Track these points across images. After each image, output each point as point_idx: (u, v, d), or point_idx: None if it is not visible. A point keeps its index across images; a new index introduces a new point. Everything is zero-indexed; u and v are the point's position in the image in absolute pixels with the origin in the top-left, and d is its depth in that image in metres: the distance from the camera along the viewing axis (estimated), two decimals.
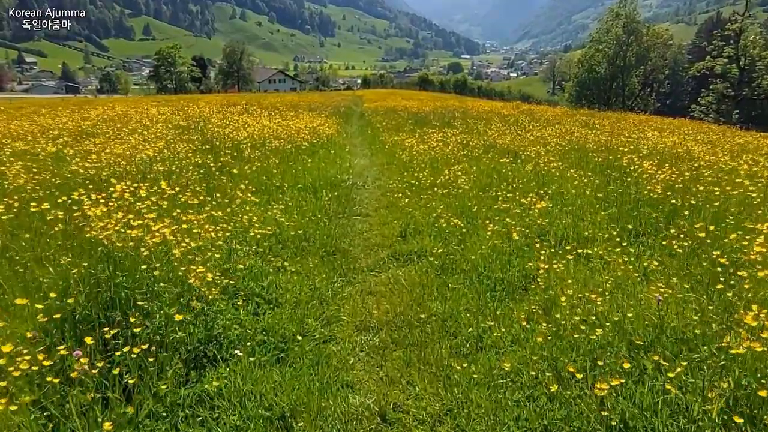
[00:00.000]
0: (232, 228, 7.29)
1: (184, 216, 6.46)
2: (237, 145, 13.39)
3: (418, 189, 11.48)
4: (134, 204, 6.11)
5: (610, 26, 74.95)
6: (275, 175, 11.70)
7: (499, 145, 16.14)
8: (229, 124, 17.33)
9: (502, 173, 12.29)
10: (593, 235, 8.01)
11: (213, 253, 6.09)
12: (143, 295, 4.74)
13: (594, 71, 75.78)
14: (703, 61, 69.55)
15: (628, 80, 75.82)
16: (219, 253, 6.25)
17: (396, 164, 14.85)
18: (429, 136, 18.10)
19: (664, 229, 8.00)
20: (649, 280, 6.34)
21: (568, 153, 14.47)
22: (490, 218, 9.12)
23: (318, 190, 11.47)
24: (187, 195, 7.31)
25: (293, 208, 9.59)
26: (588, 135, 18.42)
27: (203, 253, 5.90)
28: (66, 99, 54.85)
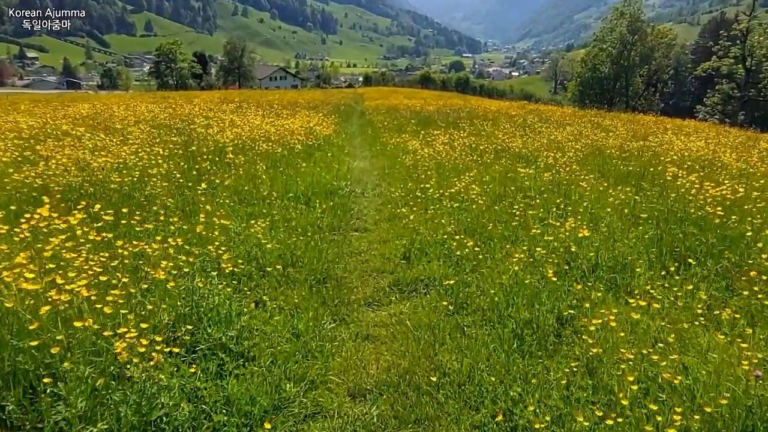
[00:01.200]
0: (198, 255, 6.02)
1: (129, 247, 5.20)
2: (222, 148, 12.12)
3: (423, 199, 10.25)
4: (50, 241, 4.72)
5: (615, 25, 74.55)
6: (263, 183, 10.44)
7: (510, 148, 14.91)
8: (216, 124, 15.97)
9: (518, 182, 11.05)
10: (632, 261, 6.75)
11: (163, 296, 4.83)
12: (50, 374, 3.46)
13: (597, 71, 75.39)
14: (709, 62, 68.79)
15: (631, 80, 75.40)
16: (174, 293, 4.97)
17: (398, 169, 13.62)
18: (434, 138, 16.84)
19: (719, 257, 6.75)
20: (718, 326, 5.10)
21: (587, 158, 13.23)
22: (507, 238, 7.90)
23: (311, 200, 10.22)
24: (137, 218, 6.06)
25: (280, 223, 8.33)
26: (603, 138, 17.20)
27: (146, 300, 4.62)
28: (63, 94, 53.91)
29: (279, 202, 9.63)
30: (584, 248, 7.16)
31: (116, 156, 9.50)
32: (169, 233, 6.20)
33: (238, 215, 8.36)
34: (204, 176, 9.65)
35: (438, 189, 10.73)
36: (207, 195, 8.67)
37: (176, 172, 9.63)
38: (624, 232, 7.91)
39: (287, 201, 9.80)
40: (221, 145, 12.27)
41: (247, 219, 8.19)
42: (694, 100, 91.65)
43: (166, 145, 11.56)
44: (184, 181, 9.23)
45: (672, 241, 7.22)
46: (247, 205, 9.13)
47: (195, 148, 11.43)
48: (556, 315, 5.57)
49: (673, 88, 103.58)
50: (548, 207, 9.24)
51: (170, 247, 5.41)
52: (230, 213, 8.31)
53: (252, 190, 9.82)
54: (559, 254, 6.98)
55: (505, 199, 9.85)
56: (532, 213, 8.72)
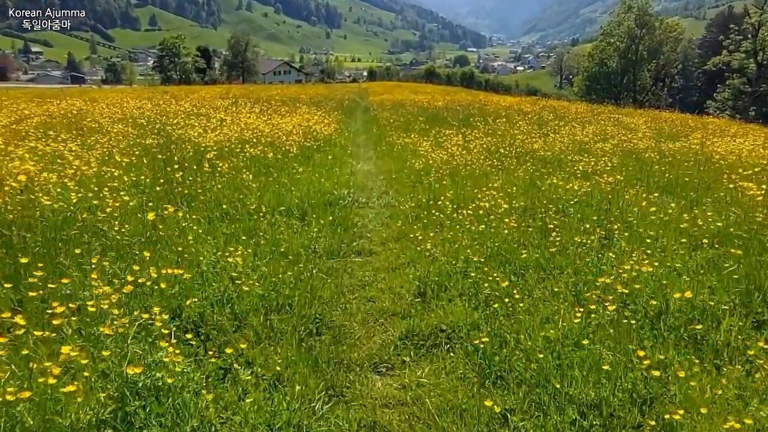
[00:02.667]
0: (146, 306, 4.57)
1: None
2: (204, 153, 10.59)
3: (438, 213, 8.81)
4: None
5: (622, 19, 74.06)
6: (251, 194, 8.98)
7: (531, 151, 13.44)
8: (200, 124, 14.40)
9: (546, 192, 9.59)
10: (711, 305, 5.27)
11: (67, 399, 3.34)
12: None
13: (605, 65, 75.06)
14: (720, 56, 67.45)
15: (639, 75, 74.82)
16: (96, 385, 3.48)
17: (407, 174, 12.16)
18: (446, 138, 15.35)
19: None
20: None
21: (623, 163, 11.72)
22: (545, 268, 6.44)
23: (307, 213, 8.75)
24: (63, 261, 4.62)
25: (267, 248, 6.85)
26: (630, 137, 15.70)
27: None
28: (64, 89, 53.01)
29: (269, 217, 8.15)
30: (642, 281, 5.69)
31: (68, 166, 7.96)
32: (104, 282, 4.64)
33: (214, 239, 6.88)
34: (177, 189, 8.17)
35: (455, 201, 9.29)
36: (177, 215, 7.19)
37: (145, 185, 8.16)
38: (685, 259, 6.44)
39: (279, 216, 8.33)
40: (204, 149, 10.72)
41: (225, 243, 6.72)
42: (701, 95, 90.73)
43: (139, 150, 10.05)
44: (147, 198, 7.72)
45: (757, 277, 5.72)
46: (229, 222, 7.65)
47: (168, 156, 9.81)
48: (629, 393, 4.10)
49: (681, 83, 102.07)
50: (587, 225, 7.79)
51: (101, 301, 3.94)
52: (205, 237, 6.84)
53: (237, 204, 8.34)
54: (612, 290, 5.52)
55: (535, 215, 8.40)
56: (567, 234, 7.25)
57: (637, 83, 74.72)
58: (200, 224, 7.19)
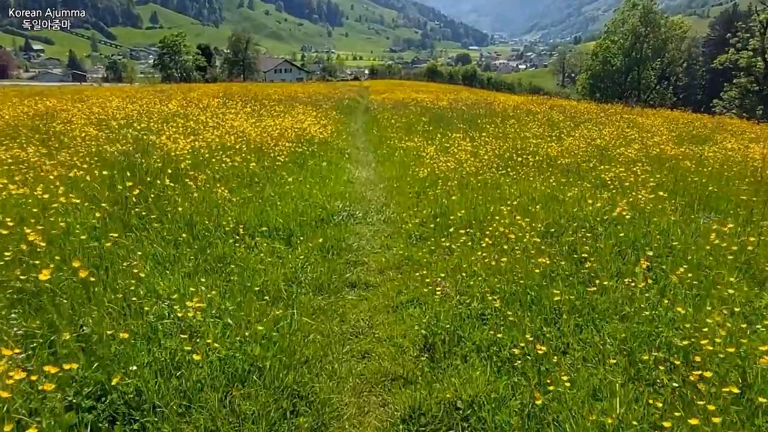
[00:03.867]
0: None
1: None
2: (176, 161, 9.18)
3: (445, 230, 7.59)
4: None
5: (627, 17, 73.26)
6: (228, 212, 7.73)
7: (546, 156, 12.19)
8: (175, 127, 13.05)
9: (567, 206, 8.35)
10: None
11: None
12: None
13: (609, 63, 74.00)
14: (727, 54, 66.09)
15: (643, 73, 73.86)
16: None
17: (410, 182, 10.92)
18: (452, 142, 14.09)
19: None
20: None
21: (651, 171, 10.45)
22: (580, 312, 5.20)
23: (294, 234, 7.49)
24: None
25: (239, 284, 5.62)
26: (653, 141, 14.45)
27: None
28: (62, 87, 52.38)
29: (248, 240, 6.91)
30: (706, 332, 4.45)
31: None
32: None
33: (173, 274, 5.63)
34: (136, 209, 6.90)
35: (465, 217, 8.06)
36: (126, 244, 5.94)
37: (94, 205, 6.87)
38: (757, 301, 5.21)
39: (260, 238, 7.07)
40: (176, 157, 9.37)
41: (187, 280, 5.48)
42: (705, 94, 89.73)
43: (98, 159, 8.74)
44: (91, 224, 6.42)
45: None
46: (198, 249, 6.38)
47: (132, 166, 8.48)
48: None
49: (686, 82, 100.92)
50: (623, 248, 6.56)
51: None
52: (162, 272, 5.60)
53: (209, 225, 7.08)
54: (673, 349, 4.28)
55: (561, 237, 7.15)
56: (602, 261, 6.01)
57: (641, 82, 73.90)
58: (157, 257, 5.94)
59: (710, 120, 25.17)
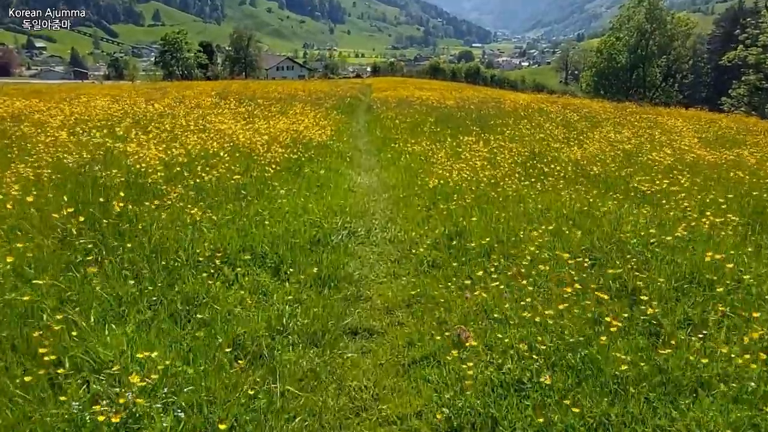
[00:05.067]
0: None
1: None
2: (145, 174, 7.90)
3: (463, 254, 6.42)
4: None
5: (632, 14, 72.11)
6: (206, 233, 6.52)
7: (570, 162, 10.98)
8: (153, 132, 11.75)
9: (608, 226, 7.13)
10: None
11: None
12: None
13: (614, 61, 72.90)
14: (735, 51, 64.90)
15: (648, 70, 72.75)
16: None
17: (418, 192, 9.72)
18: (465, 146, 12.85)
19: None
20: None
21: (693, 181, 9.18)
22: (649, 381, 4.00)
23: (284, 261, 6.28)
24: None
25: (206, 341, 4.39)
26: (682, 144, 13.23)
27: None
28: (61, 85, 51.75)
29: (226, 270, 5.71)
30: None
31: None
32: None
33: (127, 325, 4.42)
34: (77, 241, 5.64)
35: (485, 236, 6.86)
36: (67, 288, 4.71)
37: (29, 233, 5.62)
38: None
39: (242, 267, 5.85)
40: (144, 170, 8.04)
41: (141, 336, 4.27)
42: (710, 91, 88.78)
43: (52, 173, 7.45)
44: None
45: None
46: (163, 287, 5.15)
47: (91, 181, 7.14)
48: None
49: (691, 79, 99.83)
50: (680, 285, 5.38)
51: None
52: (106, 325, 4.38)
53: (180, 254, 5.86)
54: None
55: (605, 266, 5.92)
56: (659, 297, 4.79)
57: (646, 79, 72.90)
58: (109, 300, 4.72)
59: (730, 119, 23.93)
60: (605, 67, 73.65)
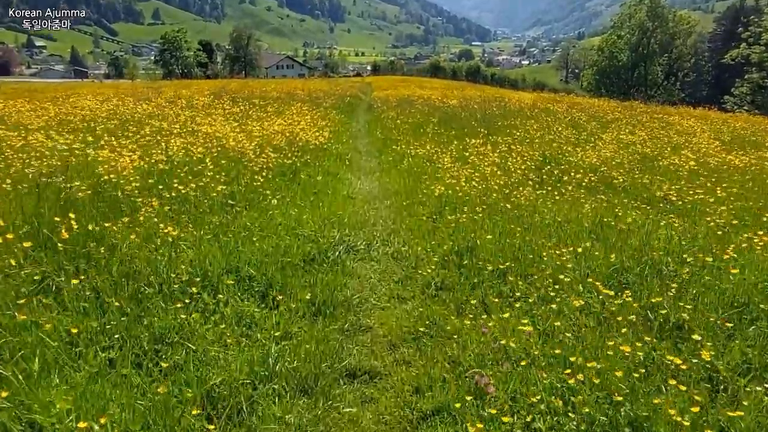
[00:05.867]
0: None
1: None
2: (115, 185, 7.01)
3: (475, 274, 5.70)
4: None
5: (634, 11, 71.47)
6: (186, 252, 5.75)
7: (582, 165, 10.22)
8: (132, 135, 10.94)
9: (635, 241, 6.39)
10: None
11: None
12: None
13: (615, 59, 72.36)
14: (738, 49, 64.17)
15: (650, 69, 72.15)
16: None
17: (422, 200, 8.99)
18: (472, 149, 12.08)
19: None
20: None
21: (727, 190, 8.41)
22: None
23: (273, 284, 5.53)
24: None
25: (174, 388, 3.68)
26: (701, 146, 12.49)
27: None
28: (63, 83, 51.46)
29: (206, 299, 4.96)
30: None
31: None
32: None
33: (80, 371, 3.67)
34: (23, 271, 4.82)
35: (498, 253, 6.14)
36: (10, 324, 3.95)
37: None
38: None
39: (224, 294, 5.10)
40: (116, 180, 7.13)
41: (95, 388, 3.53)
42: (711, 90, 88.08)
43: (12, 184, 6.63)
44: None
45: None
46: (130, 320, 4.42)
47: (50, 193, 6.25)
48: None
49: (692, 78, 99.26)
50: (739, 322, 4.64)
51: None
52: (65, 367, 3.64)
53: (152, 277, 5.09)
54: None
55: (642, 293, 5.18)
56: (712, 338, 4.05)
57: (648, 78, 72.37)
58: (62, 337, 3.97)
59: (741, 119, 23.18)
60: (606, 65, 73.19)
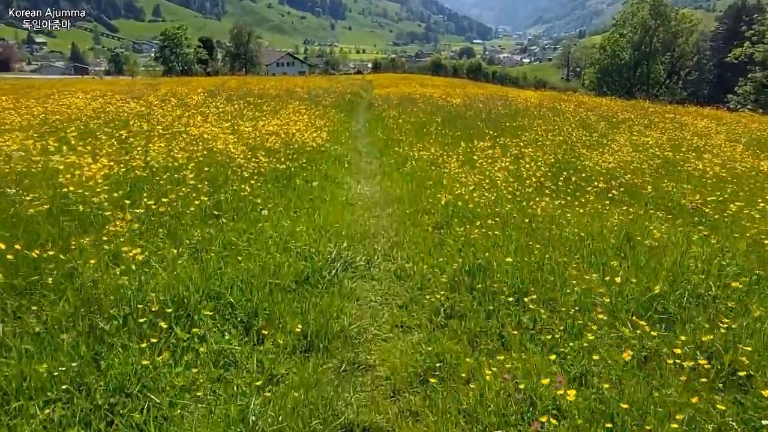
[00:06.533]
0: None
1: None
2: (83, 196, 6.13)
3: (489, 299, 5.01)
4: None
5: (636, 10, 71.11)
6: (160, 275, 5.00)
7: (599, 170, 9.49)
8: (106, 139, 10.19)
9: (670, 258, 5.67)
10: None
11: None
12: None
13: (617, 57, 72.12)
14: (742, 48, 63.59)
15: (652, 67, 71.96)
16: None
17: (428, 209, 8.27)
18: (480, 152, 11.31)
19: None
20: None
21: None
22: None
23: (258, 313, 4.77)
24: None
25: None
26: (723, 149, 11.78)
27: None
28: (58, 80, 51.02)
29: (179, 333, 4.22)
30: None
31: None
32: None
33: None
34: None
35: (516, 275, 5.42)
36: None
37: None
38: None
39: (199, 328, 4.36)
40: (81, 191, 6.21)
41: None
42: (712, 89, 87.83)
43: None
44: None
45: None
46: (86, 363, 3.69)
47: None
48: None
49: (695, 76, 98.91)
50: None
51: None
52: None
53: (115, 309, 4.34)
54: None
55: (683, 328, 4.46)
56: None
57: (650, 76, 72.19)
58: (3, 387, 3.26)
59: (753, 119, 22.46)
60: (609, 63, 72.91)
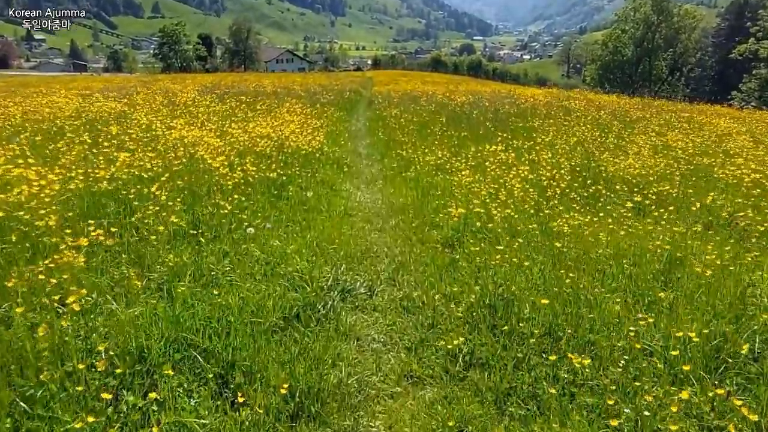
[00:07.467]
0: None
1: None
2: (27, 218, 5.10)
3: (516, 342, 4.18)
4: None
5: (638, 5, 70.90)
6: (118, 313, 4.10)
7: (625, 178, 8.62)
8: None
9: (734, 291, 4.80)
10: None
11: None
12: None
13: (619, 54, 71.77)
14: (746, 44, 62.76)
15: (654, 64, 71.55)
16: None
17: (436, 223, 7.41)
18: (490, 157, 10.37)
19: None
20: None
21: None
22: None
23: (236, 366, 3.86)
24: None
25: None
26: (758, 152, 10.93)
27: None
28: (55, 77, 50.49)
29: (130, 400, 3.35)
30: None
31: None
32: None
33: None
34: None
35: (546, 311, 4.56)
36: None
37: None
38: None
39: (163, 385, 3.52)
40: (27, 212, 5.18)
41: None
42: (714, 85, 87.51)
43: None
44: None
45: None
46: None
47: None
48: None
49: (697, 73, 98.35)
50: None
51: None
52: None
53: (53, 370, 3.45)
54: None
55: None
56: None
57: (652, 73, 71.89)
58: None
59: None
60: (610, 60, 72.43)
